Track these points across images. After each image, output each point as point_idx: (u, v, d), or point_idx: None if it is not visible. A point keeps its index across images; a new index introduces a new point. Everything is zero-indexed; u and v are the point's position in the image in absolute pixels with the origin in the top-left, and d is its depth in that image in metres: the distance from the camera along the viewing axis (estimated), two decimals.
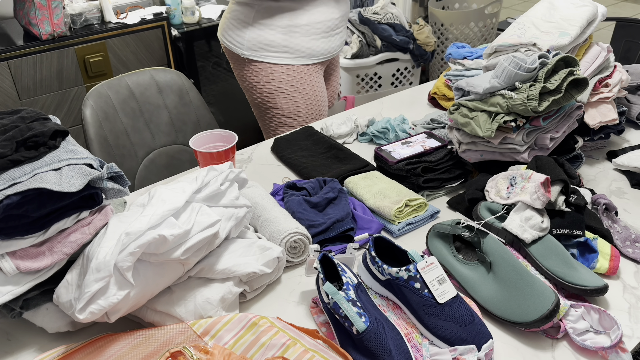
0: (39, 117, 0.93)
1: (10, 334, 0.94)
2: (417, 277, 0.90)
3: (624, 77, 1.41)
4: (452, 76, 1.65)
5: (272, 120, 1.80)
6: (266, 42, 1.68)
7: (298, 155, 1.44)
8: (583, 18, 1.37)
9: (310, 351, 0.78)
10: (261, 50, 1.69)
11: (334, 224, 1.12)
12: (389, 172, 1.32)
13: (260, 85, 1.75)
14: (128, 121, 1.70)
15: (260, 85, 1.74)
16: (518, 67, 1.14)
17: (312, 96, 1.76)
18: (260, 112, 1.83)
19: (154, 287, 0.89)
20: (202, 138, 1.29)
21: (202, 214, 0.92)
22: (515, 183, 1.10)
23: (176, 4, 2.69)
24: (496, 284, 0.96)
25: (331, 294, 0.85)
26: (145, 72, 1.76)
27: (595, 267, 1.03)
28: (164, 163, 1.78)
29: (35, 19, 2.23)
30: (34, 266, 0.84)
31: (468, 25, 3.28)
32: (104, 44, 2.45)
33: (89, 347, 0.86)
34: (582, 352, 0.89)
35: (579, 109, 1.25)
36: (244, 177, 1.06)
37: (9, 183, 0.82)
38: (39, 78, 2.35)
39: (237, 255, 0.97)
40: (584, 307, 0.92)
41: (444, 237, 1.06)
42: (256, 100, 1.80)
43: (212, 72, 2.87)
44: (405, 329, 0.92)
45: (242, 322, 0.85)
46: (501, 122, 1.16)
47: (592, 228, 1.09)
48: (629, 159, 1.35)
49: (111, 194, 0.93)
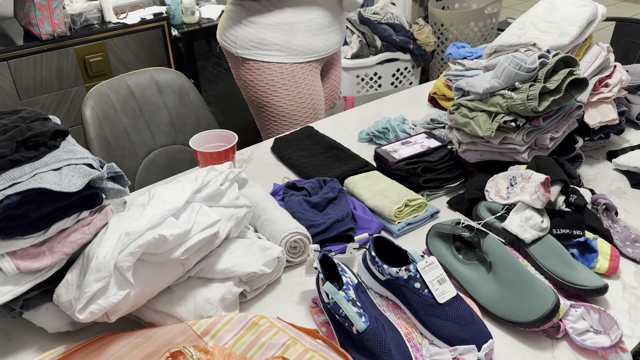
0: (39, 117, 0.93)
1: (10, 334, 0.94)
2: (417, 277, 0.90)
3: (624, 77, 1.41)
4: (452, 76, 1.65)
5: (268, 118, 1.81)
6: (258, 41, 1.68)
7: (298, 155, 1.44)
8: (583, 18, 1.37)
9: (310, 351, 0.78)
10: (253, 48, 1.70)
11: (334, 224, 1.12)
12: (389, 172, 1.32)
13: (254, 84, 1.75)
14: (128, 121, 1.70)
15: (254, 84, 1.75)
16: (518, 67, 1.14)
17: (306, 94, 1.76)
18: (256, 111, 1.84)
19: (154, 287, 0.89)
20: (202, 138, 1.29)
21: (202, 214, 0.92)
22: (515, 183, 1.10)
23: (176, 4, 2.69)
24: (496, 284, 0.96)
25: (331, 294, 0.85)
26: (146, 72, 1.76)
27: (595, 267, 1.03)
28: (164, 163, 1.78)
29: (35, 19, 2.23)
30: (34, 266, 0.84)
31: (468, 25, 3.28)
32: (104, 44, 2.45)
33: (89, 347, 0.86)
34: (582, 352, 0.89)
35: (579, 109, 1.25)
36: (244, 177, 1.06)
37: (9, 183, 0.82)
38: (39, 78, 2.35)
39: (237, 255, 0.97)
40: (584, 307, 0.92)
41: (444, 237, 1.06)
42: (251, 99, 1.80)
43: (212, 72, 2.87)
44: (405, 329, 0.92)
45: (242, 322, 0.85)
46: (501, 122, 1.16)
47: (592, 228, 1.09)
48: (629, 159, 1.35)
49: (111, 194, 0.93)
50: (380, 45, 2.98)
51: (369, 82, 3.05)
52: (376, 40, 2.96)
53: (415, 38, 3.05)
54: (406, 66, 3.10)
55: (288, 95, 1.74)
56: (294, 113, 1.77)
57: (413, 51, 3.04)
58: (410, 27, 3.10)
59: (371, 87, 3.08)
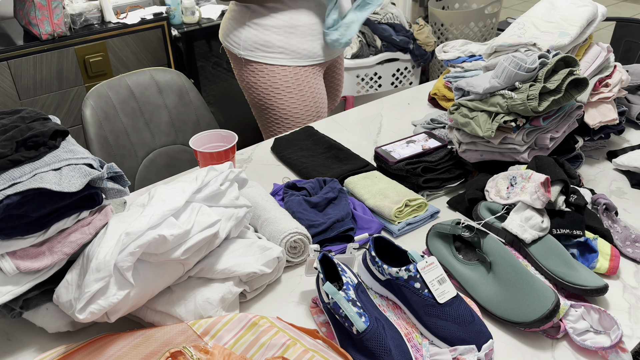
0: (39, 117, 0.93)
1: (10, 334, 0.94)
2: (417, 277, 0.90)
3: (624, 77, 1.41)
4: (452, 77, 1.65)
5: (270, 120, 1.80)
6: (262, 43, 1.68)
7: (298, 155, 1.44)
8: (583, 18, 1.37)
9: (310, 351, 0.78)
10: (257, 50, 1.69)
11: (334, 224, 1.12)
12: (389, 172, 1.32)
13: (257, 86, 1.75)
14: (128, 121, 1.70)
15: (257, 86, 1.75)
16: (518, 67, 1.14)
17: (309, 98, 1.76)
18: (258, 112, 1.84)
19: (154, 287, 0.89)
20: (202, 138, 1.29)
21: (202, 214, 0.91)
22: (515, 183, 1.10)
23: (176, 4, 2.69)
24: (496, 284, 0.96)
25: (331, 294, 0.85)
26: (146, 72, 1.76)
27: (595, 267, 1.02)
28: (164, 163, 1.78)
29: (35, 19, 2.23)
30: (34, 266, 0.84)
31: (468, 25, 3.28)
32: (104, 44, 2.45)
33: (89, 347, 0.86)
34: (582, 352, 0.89)
35: (579, 109, 1.25)
36: (244, 177, 1.06)
37: (9, 183, 0.82)
38: (39, 78, 2.35)
39: (237, 255, 0.97)
40: (584, 307, 0.92)
41: (444, 237, 1.06)
42: (254, 101, 1.80)
43: (212, 72, 2.87)
44: (405, 329, 0.92)
45: (242, 322, 0.85)
46: (501, 122, 1.16)
47: (592, 228, 1.09)
48: (629, 159, 1.35)
49: (111, 194, 0.93)
50: (380, 45, 2.98)
51: (369, 82, 3.05)
52: (376, 40, 2.96)
53: (415, 38, 3.05)
54: (406, 66, 3.10)
55: (292, 98, 1.74)
56: (297, 115, 1.77)
57: (413, 51, 3.04)
58: (410, 27, 3.10)
59: (371, 87, 3.08)
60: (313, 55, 1.73)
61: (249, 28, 1.68)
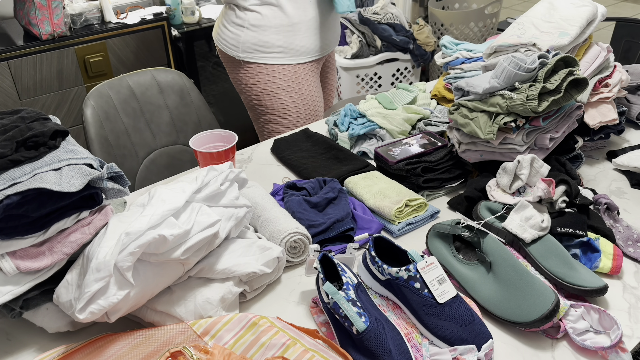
0: (39, 117, 0.93)
1: (10, 334, 0.94)
2: (417, 277, 0.90)
3: (624, 77, 1.41)
4: (452, 79, 1.65)
5: (268, 121, 1.81)
6: (261, 44, 1.68)
7: (298, 156, 1.44)
8: (583, 18, 1.37)
9: (310, 351, 0.78)
10: (256, 52, 1.70)
11: (334, 224, 1.12)
12: (389, 172, 1.32)
13: (256, 87, 1.75)
14: (129, 121, 1.70)
15: (257, 87, 1.75)
16: (518, 67, 1.14)
17: (308, 95, 1.77)
18: (256, 114, 1.84)
19: (154, 287, 0.89)
20: (202, 138, 1.29)
21: (202, 214, 0.92)
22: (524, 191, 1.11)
23: (176, 4, 2.69)
24: (496, 284, 0.96)
25: (331, 294, 0.85)
26: (147, 72, 1.76)
27: (598, 266, 1.02)
28: (165, 163, 1.78)
29: (35, 19, 2.23)
30: (34, 266, 0.84)
31: (468, 25, 3.28)
32: (104, 44, 2.45)
33: (89, 347, 0.86)
34: (582, 352, 0.89)
35: (578, 109, 1.25)
36: (244, 177, 1.06)
37: (9, 183, 0.82)
38: (39, 78, 2.35)
39: (237, 255, 0.97)
40: (584, 307, 0.92)
41: (444, 237, 1.06)
42: (252, 102, 1.80)
43: (212, 72, 2.87)
44: (405, 329, 0.92)
45: (242, 322, 0.85)
46: (501, 124, 1.16)
47: (594, 228, 1.09)
48: (629, 159, 1.35)
49: (111, 194, 0.93)
50: (380, 45, 2.98)
51: (369, 82, 3.05)
52: (376, 40, 2.96)
53: (415, 38, 3.05)
54: (406, 66, 3.10)
55: (291, 97, 1.74)
56: (296, 115, 1.77)
57: (413, 51, 3.04)
58: (410, 27, 3.10)
59: (371, 87, 3.08)
60: (311, 52, 1.74)
61: (248, 30, 1.68)
